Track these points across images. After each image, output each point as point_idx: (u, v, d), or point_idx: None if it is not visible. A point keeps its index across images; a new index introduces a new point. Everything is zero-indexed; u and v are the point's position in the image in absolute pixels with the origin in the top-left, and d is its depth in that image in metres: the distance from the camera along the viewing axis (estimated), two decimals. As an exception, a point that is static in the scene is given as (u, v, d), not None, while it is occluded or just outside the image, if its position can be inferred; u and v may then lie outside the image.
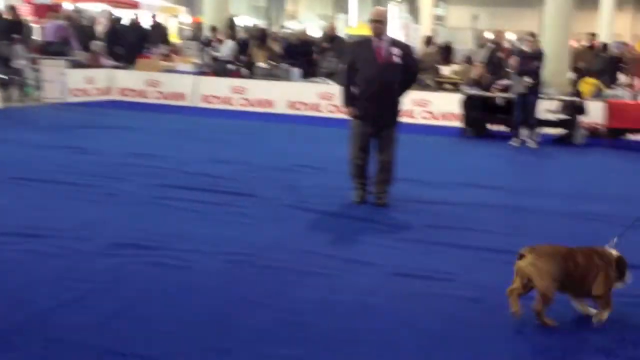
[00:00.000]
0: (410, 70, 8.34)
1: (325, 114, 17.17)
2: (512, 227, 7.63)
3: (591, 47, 18.20)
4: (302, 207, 8.03)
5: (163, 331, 4.59)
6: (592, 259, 4.99)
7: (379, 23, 8.14)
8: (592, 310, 5.10)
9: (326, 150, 12.11)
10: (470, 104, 14.83)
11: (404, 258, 6.34)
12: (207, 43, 20.57)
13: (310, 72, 19.32)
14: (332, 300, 5.27)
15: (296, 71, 18.82)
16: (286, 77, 18.64)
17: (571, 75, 17.90)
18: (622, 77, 18.39)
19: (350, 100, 8.18)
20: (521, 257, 4.99)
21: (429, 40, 21.05)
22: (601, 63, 19.25)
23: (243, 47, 20.34)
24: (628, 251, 5.18)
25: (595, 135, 15.02)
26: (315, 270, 5.91)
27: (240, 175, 9.67)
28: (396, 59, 8.07)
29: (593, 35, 17.85)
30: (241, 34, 21.84)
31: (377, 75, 8.01)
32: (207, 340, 4.49)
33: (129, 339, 4.45)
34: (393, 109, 8.24)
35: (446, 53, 23.53)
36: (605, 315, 4.98)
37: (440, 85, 18.29)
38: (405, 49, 8.39)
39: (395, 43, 8.28)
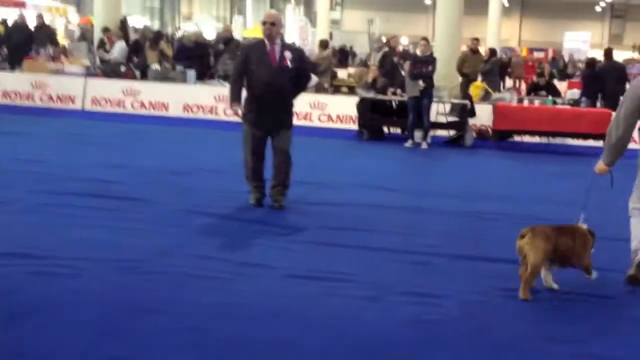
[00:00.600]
0: (302, 74, 8.36)
1: (221, 117, 17.00)
2: (408, 227, 7.76)
3: (474, 52, 18.55)
4: (197, 211, 7.92)
5: (51, 340, 4.42)
6: (576, 235, 5.84)
7: (271, 25, 8.09)
8: (555, 285, 5.78)
9: (222, 153, 12.00)
10: (365, 106, 14.99)
11: (300, 260, 6.34)
12: (100, 44, 20.10)
13: (205, 74, 19.13)
14: (228, 304, 5.20)
15: (191, 73, 18.58)
16: (181, 80, 18.37)
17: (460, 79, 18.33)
18: (508, 81, 18.98)
19: (236, 98, 8.17)
20: (522, 236, 5.70)
21: (325, 44, 21.18)
22: (490, 67, 19.81)
23: (136, 48, 19.96)
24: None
25: (483, 137, 15.46)
26: (211, 274, 5.83)
27: (133, 180, 9.46)
28: (289, 63, 8.06)
29: (477, 40, 18.23)
30: (134, 35, 21.42)
31: (269, 79, 7.97)
32: (97, 349, 4.35)
33: (15, 349, 4.27)
34: (285, 112, 8.23)
35: (343, 56, 23.86)
36: (594, 274, 5.87)
37: (336, 88, 18.43)
38: (298, 52, 8.45)
39: (287, 47, 8.30)
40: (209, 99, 17.27)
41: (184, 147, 12.82)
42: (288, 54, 8.09)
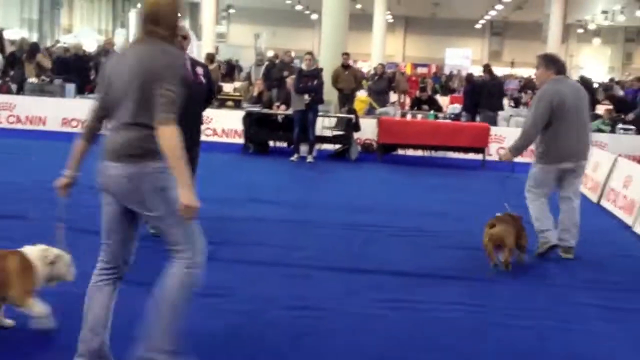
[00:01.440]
0: (212, 90, 8.14)
1: (102, 131, 16.65)
2: (290, 240, 7.84)
3: (346, 67, 18.60)
4: (79, 228, 7.75)
5: None
6: (519, 222, 7.13)
7: (183, 39, 7.25)
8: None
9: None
10: (251, 120, 15.03)
11: (182, 275, 6.30)
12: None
13: (86, 87, 18.77)
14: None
15: (70, 87, 18.18)
16: (60, 93, 17.93)
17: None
18: (393, 96, 19.42)
19: None
20: (492, 226, 6.87)
21: (211, 57, 21.13)
22: (383, 84, 20.27)
23: (12, 61, 19.35)
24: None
25: (368, 151, 15.76)
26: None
27: (8, 196, 9.19)
28: (202, 79, 7.70)
29: (347, 55, 18.35)
30: (10, 48, 20.75)
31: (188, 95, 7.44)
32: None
33: None
34: (198, 131, 7.94)
35: (229, 70, 23.81)
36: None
37: (222, 102, 18.40)
38: (206, 68, 8.07)
39: (196, 62, 7.87)
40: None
41: (62, 161, 12.46)
42: (200, 70, 7.76)
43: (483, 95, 18.25)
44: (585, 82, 16.91)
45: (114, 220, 4.34)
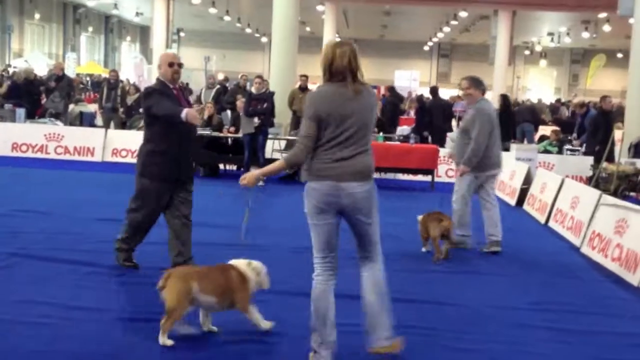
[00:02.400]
0: None
1: (52, 156, 16.50)
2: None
3: (303, 89, 18.68)
4: (23, 254, 7.64)
5: None
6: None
7: (179, 67, 7.22)
8: None
9: (51, 193, 11.66)
10: (201, 144, 14.95)
11: (131, 302, 6.26)
12: None
13: (36, 112, 18.55)
14: (55, 352, 5.06)
15: (21, 111, 17.96)
16: (10, 118, 17.69)
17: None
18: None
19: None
20: (441, 220, 8.45)
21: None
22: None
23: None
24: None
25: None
26: (36, 320, 5.65)
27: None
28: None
29: (305, 77, 18.43)
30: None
31: (185, 126, 7.02)
32: None
33: None
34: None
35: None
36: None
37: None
38: (188, 95, 7.91)
39: (182, 89, 7.67)
40: (39, 138, 16.71)
41: (11, 187, 12.32)
42: (187, 98, 7.54)
43: (433, 117, 18.47)
44: (505, 99, 18.32)
45: (334, 233, 5.11)
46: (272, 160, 15.07)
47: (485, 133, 8.70)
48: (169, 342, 5.27)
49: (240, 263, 5.80)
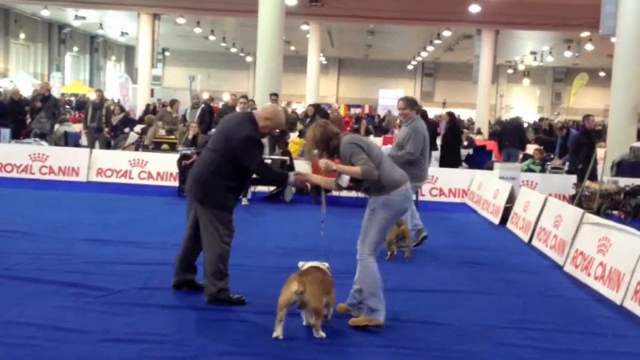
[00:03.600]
0: None
1: (37, 176, 16.44)
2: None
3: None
4: (7, 275, 7.61)
5: None
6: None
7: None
8: None
9: (37, 213, 11.63)
10: (186, 163, 14.92)
11: (116, 323, 6.23)
12: None
13: (22, 132, 18.52)
14: (37, 372, 5.04)
15: (6, 132, 17.93)
16: (-6, 138, 17.70)
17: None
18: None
19: None
20: (400, 225, 9.21)
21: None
22: (307, 125, 20.34)
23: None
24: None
25: (303, 192, 15.82)
26: (20, 341, 5.64)
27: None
28: None
29: (275, 95, 18.37)
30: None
31: None
32: None
33: None
34: None
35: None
36: None
37: (157, 145, 18.32)
38: None
39: None
40: (24, 158, 16.66)
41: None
42: None
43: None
44: (452, 117, 19.60)
45: None
46: (256, 180, 15.01)
47: (419, 148, 9.78)
48: (323, 334, 6.06)
49: (320, 264, 6.45)
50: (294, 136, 20.09)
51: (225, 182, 7.02)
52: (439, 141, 20.39)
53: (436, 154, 19.26)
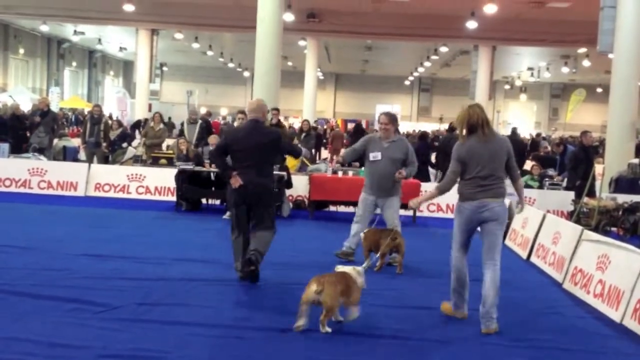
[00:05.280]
0: None
1: (35, 191, 16.43)
2: (225, 300, 7.77)
3: (276, 124, 18.56)
4: (6, 291, 7.59)
5: None
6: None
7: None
8: None
9: (35, 228, 11.61)
10: (183, 178, 14.96)
11: (113, 339, 6.20)
12: None
13: (22, 147, 18.52)
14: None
15: (5, 146, 17.92)
16: (-6, 153, 17.70)
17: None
18: (324, 152, 19.59)
19: None
20: (395, 238, 9.42)
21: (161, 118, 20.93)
22: (311, 141, 20.42)
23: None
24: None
25: (300, 207, 15.82)
26: (18, 357, 5.61)
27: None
28: None
29: (277, 110, 18.37)
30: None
31: None
32: None
33: None
34: None
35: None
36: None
37: (155, 159, 18.31)
38: None
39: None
40: (23, 173, 16.66)
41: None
42: None
43: (419, 154, 18.67)
44: (423, 134, 20.67)
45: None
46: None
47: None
48: (329, 329, 6.69)
49: (348, 269, 7.17)
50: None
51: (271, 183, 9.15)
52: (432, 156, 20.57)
53: (433, 171, 19.27)
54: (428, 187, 15.93)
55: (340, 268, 7.24)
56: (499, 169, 7.24)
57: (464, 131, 7.17)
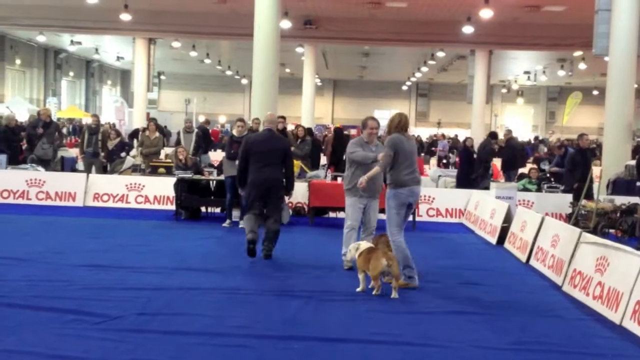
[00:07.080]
0: None
1: (33, 202, 16.44)
2: (225, 309, 7.77)
3: (281, 131, 18.58)
4: (4, 303, 7.59)
5: None
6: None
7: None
8: None
9: (34, 239, 11.61)
10: (182, 187, 14.97)
11: (113, 349, 6.20)
12: None
13: (19, 158, 18.52)
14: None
15: (2, 157, 17.93)
16: (-9, 165, 17.70)
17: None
18: (323, 158, 19.58)
19: None
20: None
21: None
22: (308, 147, 20.32)
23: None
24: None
25: (300, 214, 15.82)
26: (18, 370, 5.61)
27: None
28: None
29: (283, 118, 18.43)
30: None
31: None
32: None
33: None
34: None
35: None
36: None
37: (154, 169, 18.31)
38: None
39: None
40: (20, 183, 16.66)
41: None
42: None
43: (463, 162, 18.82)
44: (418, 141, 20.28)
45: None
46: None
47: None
48: (397, 295, 8.43)
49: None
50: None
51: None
52: (433, 161, 20.54)
53: (432, 174, 19.29)
54: (424, 193, 15.98)
55: (358, 245, 8.84)
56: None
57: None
